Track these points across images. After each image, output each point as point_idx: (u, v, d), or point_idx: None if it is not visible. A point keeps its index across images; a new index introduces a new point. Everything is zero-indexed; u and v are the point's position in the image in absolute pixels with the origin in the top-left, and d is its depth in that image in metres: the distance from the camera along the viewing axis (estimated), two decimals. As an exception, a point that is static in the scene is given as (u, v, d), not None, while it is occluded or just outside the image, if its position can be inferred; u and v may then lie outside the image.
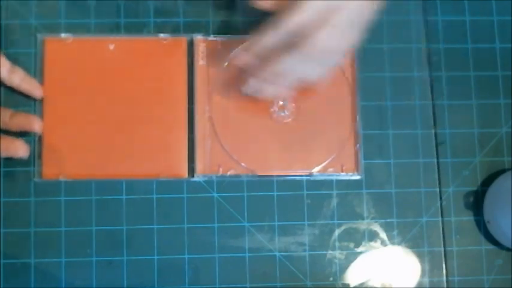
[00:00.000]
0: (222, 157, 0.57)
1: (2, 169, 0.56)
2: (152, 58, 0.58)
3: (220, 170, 0.57)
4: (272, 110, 0.58)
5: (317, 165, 0.58)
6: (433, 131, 0.60)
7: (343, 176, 0.58)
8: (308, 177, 0.58)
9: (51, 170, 0.56)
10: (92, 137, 0.56)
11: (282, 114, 0.58)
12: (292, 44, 0.50)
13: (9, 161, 0.56)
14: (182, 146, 0.57)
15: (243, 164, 0.57)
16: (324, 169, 0.58)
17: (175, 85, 0.57)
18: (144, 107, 0.57)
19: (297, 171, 0.58)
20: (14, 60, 0.56)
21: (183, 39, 0.58)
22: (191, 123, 0.57)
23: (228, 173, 0.57)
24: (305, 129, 0.58)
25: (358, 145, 0.58)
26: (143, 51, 0.58)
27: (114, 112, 0.57)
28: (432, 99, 0.60)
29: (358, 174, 0.58)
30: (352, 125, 0.59)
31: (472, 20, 0.62)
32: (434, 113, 0.60)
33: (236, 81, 0.57)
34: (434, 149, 0.60)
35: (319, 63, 0.53)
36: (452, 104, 0.61)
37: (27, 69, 0.57)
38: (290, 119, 0.58)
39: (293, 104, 0.58)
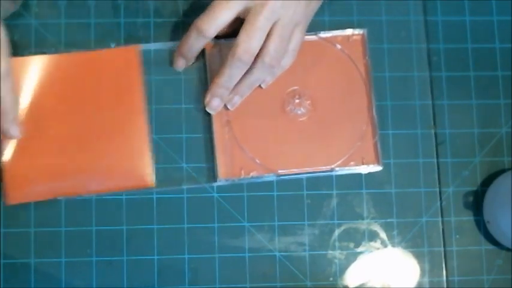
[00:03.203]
0: (243, 160, 0.57)
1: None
2: (105, 69, 0.57)
3: (242, 172, 0.57)
4: (288, 108, 0.58)
5: (338, 160, 0.58)
6: (433, 131, 0.60)
7: (365, 169, 0.58)
8: (330, 173, 0.58)
9: (17, 194, 0.54)
10: (53, 155, 0.55)
11: (299, 112, 0.58)
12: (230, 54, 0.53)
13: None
14: (145, 156, 0.56)
15: (264, 164, 0.57)
16: (346, 163, 0.58)
17: (131, 94, 0.56)
18: (103, 120, 0.56)
19: (318, 168, 0.58)
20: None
21: (135, 48, 0.57)
22: (210, 128, 0.57)
23: (251, 175, 0.57)
24: (322, 125, 0.58)
25: (376, 137, 0.58)
26: (95, 64, 0.57)
27: (72, 128, 0.55)
28: (432, 99, 0.60)
29: (379, 166, 0.58)
30: (369, 117, 0.59)
31: (472, 20, 0.62)
32: (434, 113, 0.60)
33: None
34: (434, 149, 0.60)
35: (264, 71, 0.55)
36: (452, 104, 0.61)
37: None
38: (307, 117, 0.58)
39: (308, 101, 0.58)
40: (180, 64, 0.57)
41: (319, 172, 0.58)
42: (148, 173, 0.56)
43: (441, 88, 0.61)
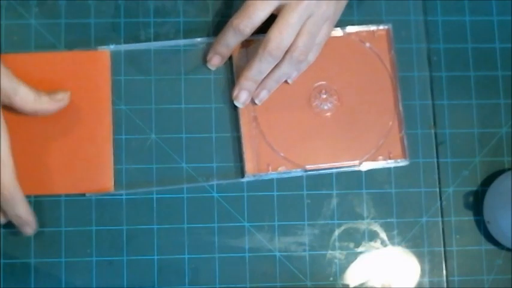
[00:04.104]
0: (270, 155, 0.57)
1: (2, 169, 0.56)
2: (75, 71, 0.56)
3: (270, 168, 0.57)
4: (315, 104, 0.58)
5: (365, 155, 0.58)
6: (433, 131, 0.60)
7: (392, 164, 0.58)
8: (358, 168, 0.58)
9: None
10: (19, 153, 0.53)
11: (325, 107, 0.58)
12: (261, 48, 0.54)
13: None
14: (107, 160, 0.56)
15: (291, 160, 0.57)
16: (373, 158, 0.58)
17: (99, 98, 0.56)
18: (67, 121, 0.55)
19: (346, 163, 0.58)
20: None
21: (106, 52, 0.57)
22: (237, 124, 0.58)
23: (278, 170, 0.57)
24: (349, 120, 0.59)
25: (403, 131, 0.58)
26: (64, 65, 0.56)
27: (37, 127, 0.55)
28: (432, 99, 0.60)
29: (407, 161, 0.58)
30: (396, 112, 0.59)
31: (472, 20, 0.62)
32: (434, 113, 0.60)
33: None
34: (434, 149, 0.60)
35: (291, 65, 0.56)
36: (452, 104, 0.61)
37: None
38: (333, 112, 0.59)
39: (335, 96, 0.59)
40: (216, 62, 0.58)
41: (347, 167, 0.58)
42: (107, 178, 0.56)
43: (441, 88, 0.61)
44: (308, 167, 0.58)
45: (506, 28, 0.62)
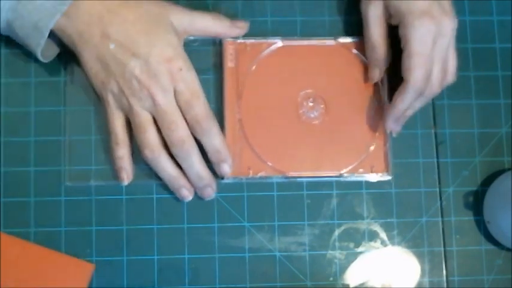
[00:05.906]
0: (252, 159, 0.57)
1: (2, 169, 0.56)
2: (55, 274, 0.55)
3: (251, 172, 0.57)
4: (301, 111, 0.58)
5: (347, 166, 0.58)
6: (433, 131, 0.60)
7: (373, 177, 0.58)
8: (338, 179, 0.58)
9: None
10: None
11: (311, 115, 0.58)
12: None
13: (9, 161, 0.56)
14: None
15: (272, 165, 0.57)
16: (354, 170, 0.58)
17: None
18: None
19: (327, 172, 0.58)
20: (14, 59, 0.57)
21: (89, 265, 0.55)
22: (221, 125, 0.57)
23: (259, 175, 0.57)
24: (334, 130, 0.58)
25: (387, 145, 0.58)
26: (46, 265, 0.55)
27: None
28: (432, 99, 0.60)
29: (388, 175, 0.58)
30: (381, 125, 0.59)
31: (472, 20, 0.62)
32: (434, 113, 0.60)
33: (265, 83, 0.58)
34: (434, 149, 0.60)
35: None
36: (452, 104, 0.61)
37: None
38: (319, 120, 0.58)
39: (322, 105, 0.58)
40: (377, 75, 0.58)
41: (327, 177, 0.58)
42: None
43: (441, 88, 0.61)
44: (289, 174, 0.57)
45: (506, 28, 0.62)
